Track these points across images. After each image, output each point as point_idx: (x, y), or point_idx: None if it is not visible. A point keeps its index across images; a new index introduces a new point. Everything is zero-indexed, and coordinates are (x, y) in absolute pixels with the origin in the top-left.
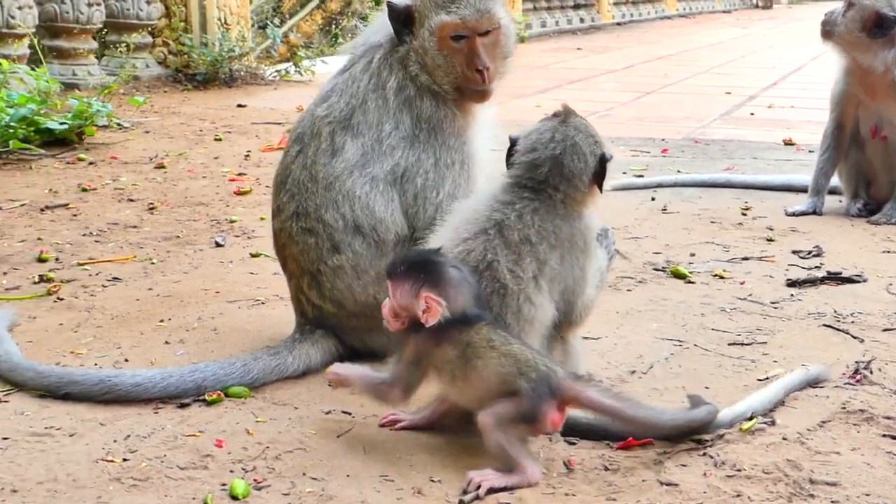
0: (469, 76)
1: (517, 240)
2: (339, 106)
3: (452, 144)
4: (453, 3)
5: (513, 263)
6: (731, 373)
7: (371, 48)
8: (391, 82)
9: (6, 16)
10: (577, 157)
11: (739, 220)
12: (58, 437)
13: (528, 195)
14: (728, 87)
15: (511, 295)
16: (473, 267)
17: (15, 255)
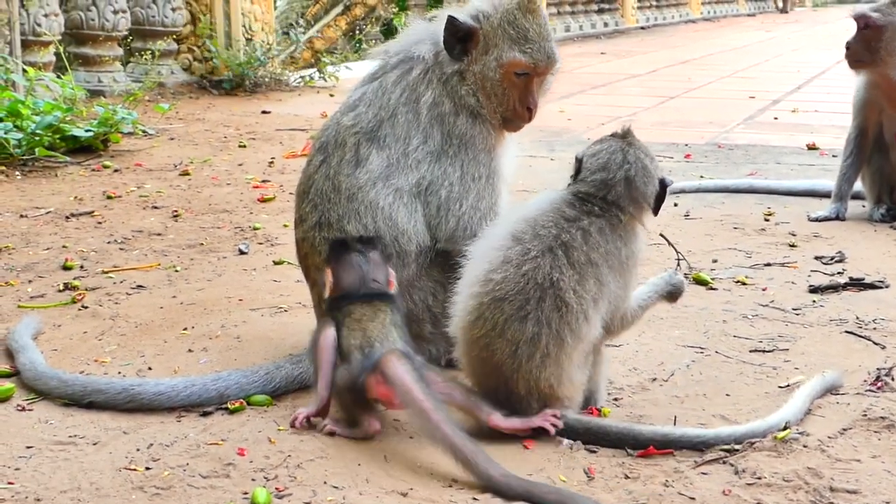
0: (518, 111)
1: (582, 261)
2: (366, 116)
3: (482, 160)
4: (527, 42)
5: (576, 283)
6: (753, 380)
7: (409, 59)
8: (426, 97)
9: (32, 23)
10: (647, 179)
11: (762, 226)
12: (81, 445)
13: (595, 213)
14: (752, 91)
15: (572, 313)
16: (538, 284)
17: (40, 263)
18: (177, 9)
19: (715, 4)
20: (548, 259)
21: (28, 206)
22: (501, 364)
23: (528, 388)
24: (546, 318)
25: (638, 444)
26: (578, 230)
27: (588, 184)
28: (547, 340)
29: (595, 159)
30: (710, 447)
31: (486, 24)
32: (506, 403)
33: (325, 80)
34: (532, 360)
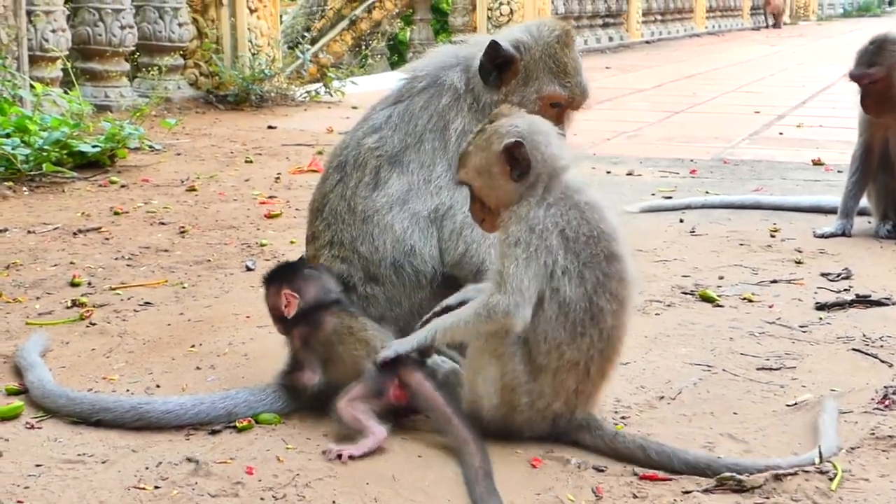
0: None
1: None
2: (392, 141)
3: None
4: (566, 76)
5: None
6: (760, 398)
7: (437, 84)
8: (456, 124)
9: (40, 39)
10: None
11: (768, 243)
12: (90, 464)
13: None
14: (757, 105)
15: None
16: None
17: (48, 280)
18: (183, 24)
19: (720, 19)
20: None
21: (35, 222)
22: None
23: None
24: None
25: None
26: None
27: (555, 160)
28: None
29: (543, 134)
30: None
31: (526, 55)
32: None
33: (331, 95)
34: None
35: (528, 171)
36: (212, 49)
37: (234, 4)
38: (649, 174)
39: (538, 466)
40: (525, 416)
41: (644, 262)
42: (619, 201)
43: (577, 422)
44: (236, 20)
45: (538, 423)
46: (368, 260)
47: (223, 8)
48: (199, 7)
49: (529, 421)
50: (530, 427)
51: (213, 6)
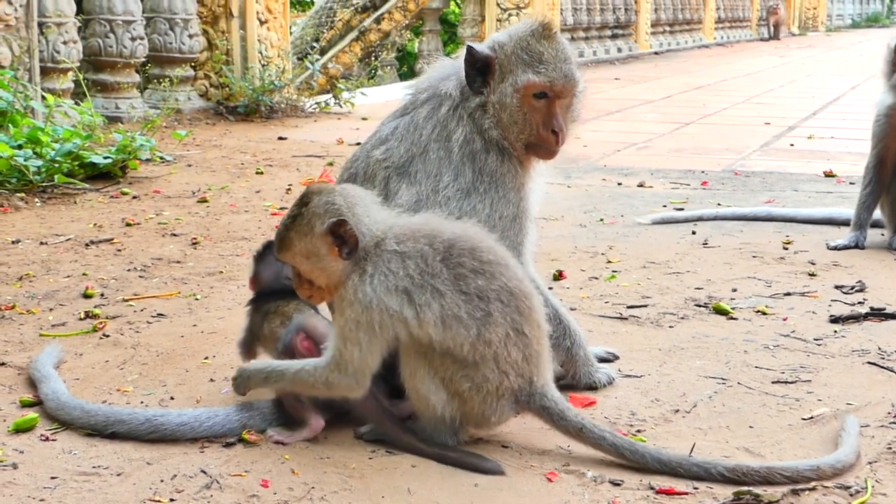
0: (543, 135)
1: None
2: (398, 151)
3: (511, 198)
4: (541, 63)
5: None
6: (776, 412)
7: (437, 96)
8: (458, 134)
9: (51, 50)
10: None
11: (781, 255)
12: (105, 476)
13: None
14: (767, 117)
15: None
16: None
17: (61, 291)
18: (194, 36)
19: (728, 30)
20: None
21: (48, 233)
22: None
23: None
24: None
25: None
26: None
27: (376, 224)
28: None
29: (360, 206)
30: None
31: (500, 52)
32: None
33: (341, 106)
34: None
35: (356, 247)
36: (222, 60)
37: (245, 16)
38: (660, 186)
39: (554, 480)
40: (478, 401)
41: (656, 274)
42: (630, 213)
43: (539, 391)
44: (246, 32)
45: (497, 405)
46: None
47: (233, 19)
48: (209, 19)
49: (487, 405)
50: (492, 412)
51: (224, 18)
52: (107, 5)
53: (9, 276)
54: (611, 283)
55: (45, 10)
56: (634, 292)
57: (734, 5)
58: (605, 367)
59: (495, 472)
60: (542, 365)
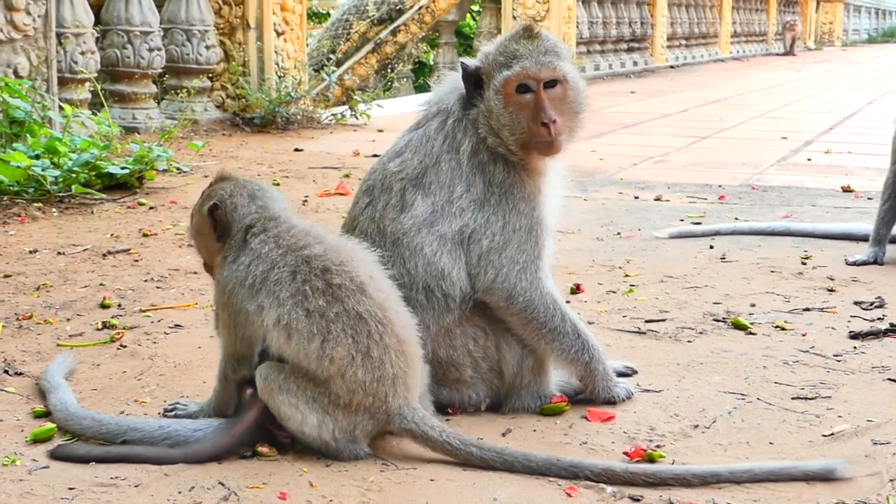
0: (535, 130)
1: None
2: (412, 163)
3: (522, 209)
4: (514, 58)
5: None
6: (796, 428)
7: (444, 110)
8: (465, 146)
9: (69, 61)
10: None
11: (799, 270)
12: (123, 487)
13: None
14: (784, 131)
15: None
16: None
17: (78, 301)
18: (211, 47)
19: (744, 44)
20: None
21: (65, 243)
22: None
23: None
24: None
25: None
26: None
27: (248, 216)
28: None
29: (240, 196)
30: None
31: (486, 61)
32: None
33: (357, 118)
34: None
35: (226, 231)
36: (238, 72)
37: (262, 27)
38: (677, 200)
39: (573, 495)
40: (340, 414)
41: (674, 289)
42: (647, 226)
43: (397, 412)
44: (263, 43)
45: (355, 419)
46: (400, 283)
47: (250, 31)
48: (226, 30)
49: (348, 419)
50: (353, 425)
51: (241, 29)
52: (124, 16)
53: (26, 285)
54: (628, 297)
55: (63, 21)
56: (652, 306)
57: (750, 20)
58: (623, 381)
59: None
60: (398, 386)
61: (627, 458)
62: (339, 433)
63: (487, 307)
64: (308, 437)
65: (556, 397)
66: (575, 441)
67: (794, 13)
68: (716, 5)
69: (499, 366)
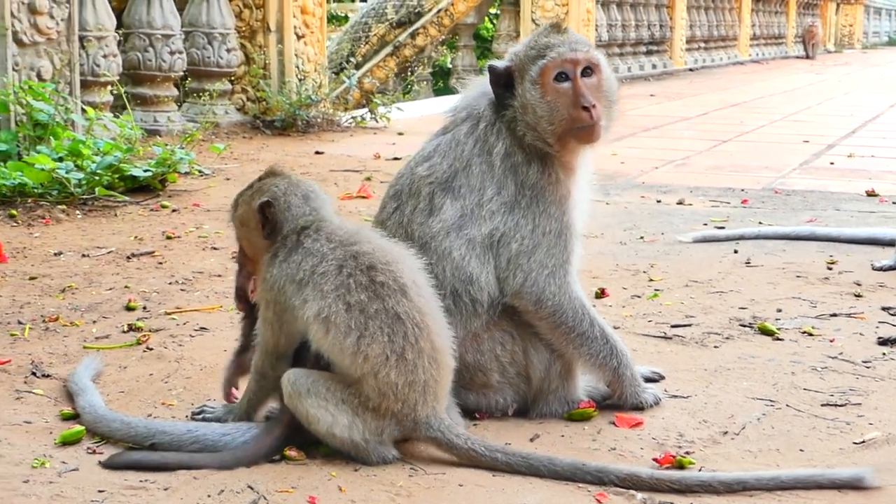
0: (575, 115)
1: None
2: (441, 167)
3: (553, 213)
4: (548, 48)
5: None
6: (826, 435)
7: (474, 115)
8: (498, 148)
9: (91, 64)
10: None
11: (825, 275)
12: (152, 490)
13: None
14: (805, 135)
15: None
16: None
17: (104, 304)
18: (231, 50)
19: (763, 46)
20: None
21: (89, 246)
22: None
23: None
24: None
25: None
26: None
27: (303, 216)
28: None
29: (294, 195)
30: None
31: (516, 59)
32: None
33: (377, 121)
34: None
35: (276, 229)
36: (259, 75)
37: (282, 30)
38: (700, 204)
39: (603, 501)
40: (369, 417)
41: (699, 293)
42: (670, 230)
43: (424, 421)
44: (284, 46)
45: (382, 423)
46: None
47: (271, 34)
48: (247, 33)
49: (374, 423)
50: (382, 429)
51: (261, 32)
52: (146, 19)
53: (52, 287)
54: (653, 302)
55: (85, 24)
56: (678, 311)
57: (770, 22)
58: (651, 387)
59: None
60: (428, 395)
61: (657, 465)
62: (369, 434)
63: (515, 312)
64: (338, 440)
65: (584, 402)
66: (603, 447)
67: (813, 15)
68: (735, 8)
69: (526, 371)
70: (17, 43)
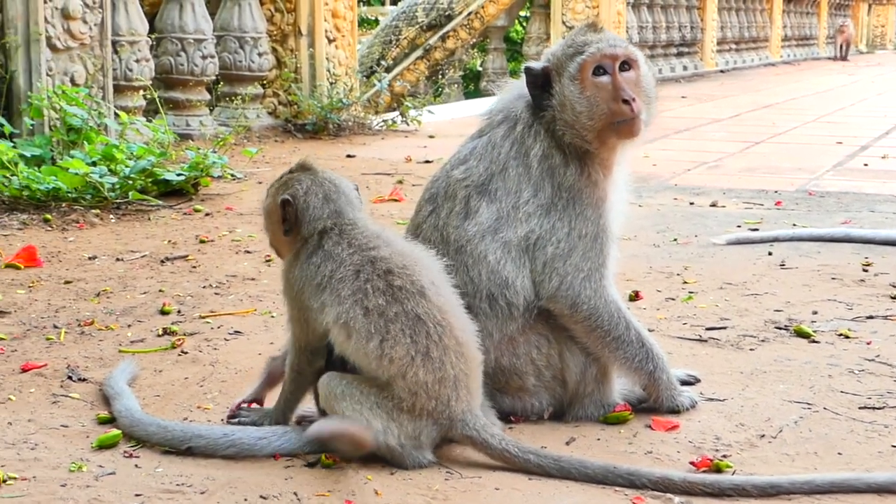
0: (615, 109)
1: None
2: (477, 170)
3: (589, 215)
4: (585, 45)
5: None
6: (864, 438)
7: (511, 117)
8: (535, 149)
9: (124, 69)
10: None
11: (861, 277)
12: (189, 494)
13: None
14: (838, 136)
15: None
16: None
17: (138, 308)
18: (263, 54)
19: (795, 48)
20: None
21: (123, 250)
22: None
23: None
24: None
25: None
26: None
27: (322, 219)
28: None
29: (314, 195)
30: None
31: (553, 59)
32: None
33: (408, 124)
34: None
35: (293, 228)
36: (291, 78)
37: (313, 34)
38: (733, 205)
39: None
40: (405, 420)
41: (734, 296)
42: (703, 233)
43: (460, 418)
44: (315, 50)
45: (420, 424)
46: (463, 291)
47: (302, 38)
48: (278, 37)
49: (410, 425)
50: (419, 431)
51: (293, 36)
52: (178, 24)
53: (87, 291)
54: (688, 305)
55: (118, 29)
56: (712, 314)
57: (801, 23)
58: (687, 390)
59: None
60: (461, 389)
61: (693, 468)
62: (405, 438)
63: (551, 315)
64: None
65: (620, 406)
66: (640, 450)
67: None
68: (766, 9)
69: (562, 374)
70: (51, 48)
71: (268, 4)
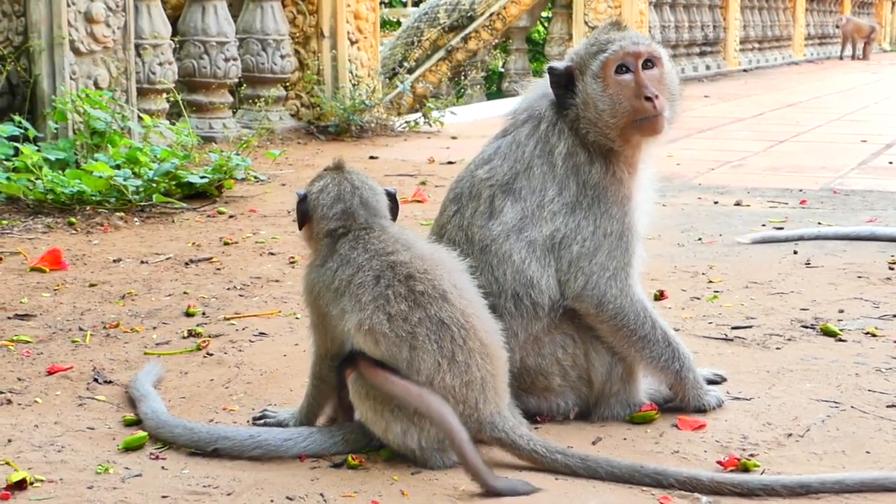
0: (638, 106)
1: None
2: (501, 169)
3: (614, 214)
4: (609, 43)
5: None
6: (893, 436)
7: (535, 116)
8: (560, 148)
9: (147, 72)
10: (377, 196)
11: (887, 275)
12: (216, 496)
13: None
14: (863, 134)
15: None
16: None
17: (163, 310)
18: (286, 56)
19: (818, 46)
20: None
21: (148, 252)
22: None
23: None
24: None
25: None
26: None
27: (330, 219)
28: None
29: (326, 194)
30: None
31: (576, 58)
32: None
33: (430, 125)
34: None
35: (300, 224)
36: (313, 80)
37: (336, 36)
38: (757, 204)
39: None
40: (424, 426)
41: (760, 295)
42: (728, 232)
43: (489, 421)
44: (337, 52)
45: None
46: (488, 291)
47: (325, 40)
48: (300, 39)
49: (433, 430)
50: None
51: (315, 38)
52: (201, 27)
53: (112, 294)
54: (713, 304)
55: (141, 32)
56: (738, 313)
57: (824, 22)
58: (713, 389)
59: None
60: (488, 391)
61: (721, 468)
62: (426, 442)
63: (576, 315)
64: (394, 445)
65: (646, 405)
66: (667, 450)
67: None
68: (789, 8)
69: (587, 374)
70: (74, 52)
71: (290, 6)
